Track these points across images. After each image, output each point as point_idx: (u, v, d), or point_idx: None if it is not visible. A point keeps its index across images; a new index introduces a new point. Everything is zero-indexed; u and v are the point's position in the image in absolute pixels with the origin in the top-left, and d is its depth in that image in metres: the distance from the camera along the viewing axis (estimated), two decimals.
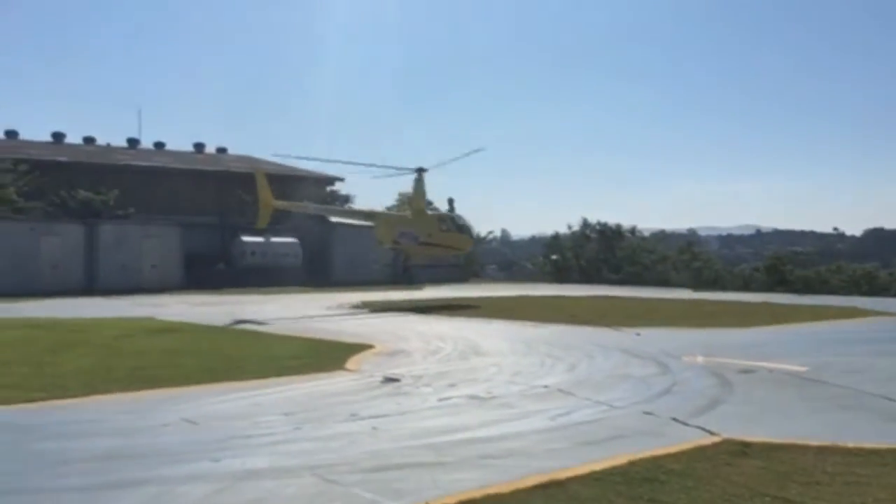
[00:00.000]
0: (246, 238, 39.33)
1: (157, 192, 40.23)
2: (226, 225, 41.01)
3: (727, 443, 6.90)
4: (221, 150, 50.98)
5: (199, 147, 50.13)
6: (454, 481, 5.67)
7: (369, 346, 13.61)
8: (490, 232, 57.85)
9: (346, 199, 48.75)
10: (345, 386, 9.91)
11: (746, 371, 11.01)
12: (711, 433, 7.23)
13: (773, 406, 8.73)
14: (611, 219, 49.79)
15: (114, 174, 39.07)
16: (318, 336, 15.40)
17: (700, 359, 12.11)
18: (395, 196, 49.00)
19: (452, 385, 9.96)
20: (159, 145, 48.58)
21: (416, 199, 28.05)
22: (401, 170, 27.57)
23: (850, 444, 6.85)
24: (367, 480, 5.73)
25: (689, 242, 48.77)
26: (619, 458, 6.32)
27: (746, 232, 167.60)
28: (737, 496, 5.38)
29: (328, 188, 48.79)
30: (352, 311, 22.94)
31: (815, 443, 6.88)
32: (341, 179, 49.02)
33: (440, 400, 8.97)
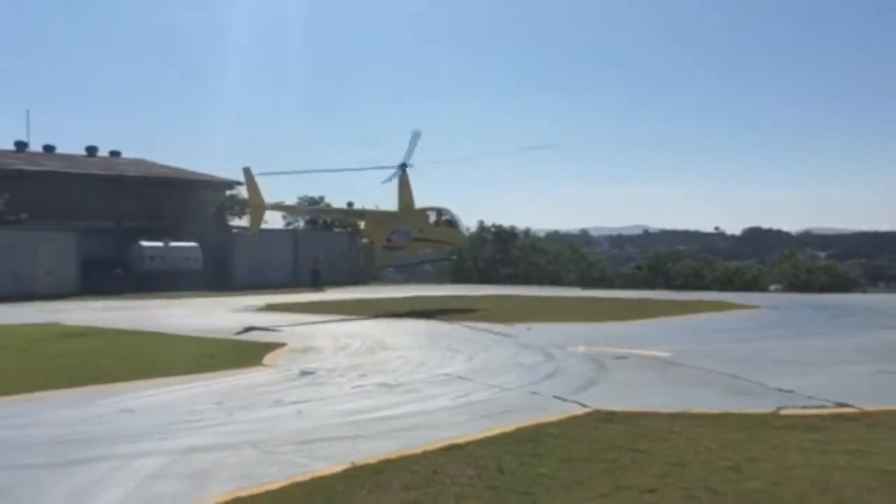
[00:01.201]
0: (144, 243, 38.99)
1: (50, 198, 39.21)
2: (123, 230, 40.47)
3: (597, 413, 8.32)
4: (115, 154, 49.94)
5: (91, 150, 48.95)
6: (373, 448, 6.80)
7: (282, 345, 14.52)
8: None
9: (247, 203, 48.65)
10: (265, 378, 10.87)
11: (620, 357, 12.61)
12: (585, 406, 8.65)
13: (639, 384, 10.29)
14: (506, 221, 51.71)
15: (2, 180, 37.93)
16: (232, 337, 16.14)
17: (582, 348, 13.64)
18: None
19: (363, 375, 11.08)
20: (49, 148, 47.19)
21: (402, 195, 27.09)
22: (383, 168, 26.75)
23: (695, 411, 8.40)
24: (298, 450, 6.79)
25: (571, 245, 51.37)
26: (509, 426, 7.62)
27: (635, 232, 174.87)
28: (600, 449, 6.75)
29: (228, 192, 48.65)
30: (258, 312, 23.59)
31: (667, 411, 8.39)
32: (241, 183, 48.91)
33: (354, 388, 10.07)
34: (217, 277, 38.94)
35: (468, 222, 51.01)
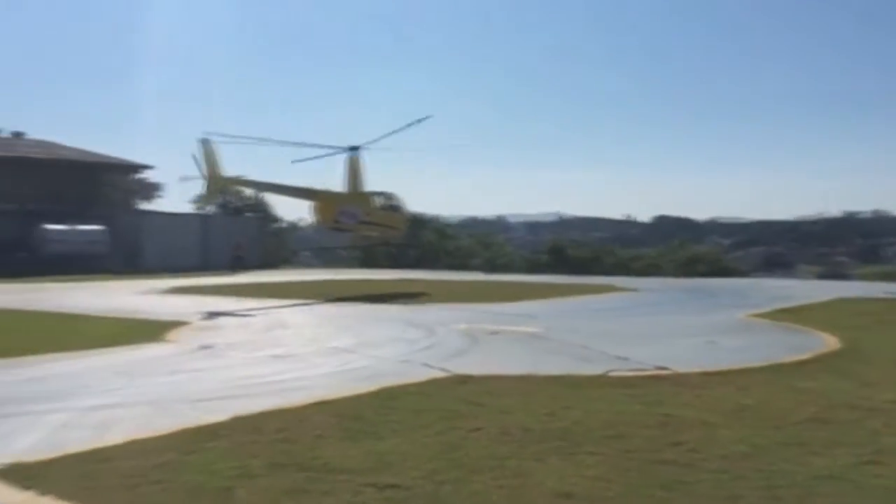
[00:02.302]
0: (49, 226, 38.66)
1: None
2: (26, 212, 39.94)
3: (456, 376, 9.70)
4: (18, 135, 48.89)
5: None
6: (256, 404, 7.98)
7: (185, 323, 15.45)
8: (300, 219, 59.30)
9: (156, 187, 48.61)
10: (166, 352, 11.87)
11: (494, 333, 14.09)
12: (447, 371, 10.03)
13: (502, 354, 11.78)
14: (421, 206, 53.18)
15: None
16: (135, 316, 16.93)
17: (463, 326, 15.06)
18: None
19: (258, 349, 12.21)
20: None
21: (351, 178, 26.93)
22: (333, 149, 26.62)
23: (540, 374, 9.87)
24: (192, 407, 7.91)
25: (477, 235, 53.36)
26: (375, 387, 8.92)
27: (551, 219, 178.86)
28: (447, 403, 8.11)
29: (135, 175, 48.37)
30: (164, 294, 24.22)
31: (516, 374, 9.86)
32: (150, 167, 48.81)
33: (246, 359, 11.20)
34: (126, 261, 38.98)
35: None
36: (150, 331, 14.18)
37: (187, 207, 50.81)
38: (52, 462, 5.88)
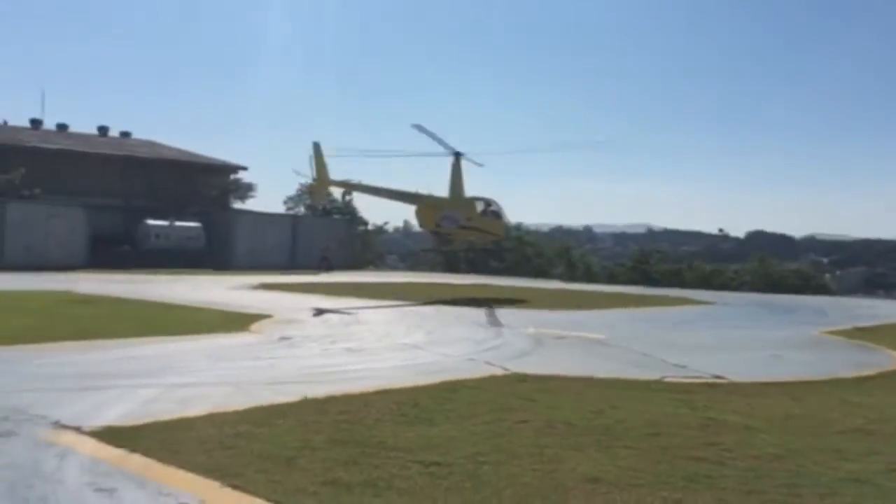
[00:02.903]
0: (151, 221, 40.99)
1: (63, 175, 41.23)
2: (131, 208, 42.45)
3: (514, 374, 10.18)
4: (125, 134, 51.92)
5: (102, 130, 50.95)
6: (324, 389, 8.66)
7: (269, 316, 16.41)
8: (386, 223, 60.72)
9: (249, 187, 50.68)
10: (249, 341, 12.77)
11: (560, 337, 14.46)
12: (507, 370, 10.51)
13: (563, 357, 12.15)
14: (511, 215, 53.58)
15: (19, 156, 39.88)
16: (225, 308, 18.05)
17: (532, 329, 15.48)
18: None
19: (333, 342, 12.97)
20: (62, 127, 49.19)
21: (454, 183, 27.48)
22: (439, 154, 27.06)
23: (596, 377, 10.24)
24: (265, 388, 8.66)
25: (560, 242, 53.32)
26: (436, 380, 9.49)
27: (639, 230, 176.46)
28: (501, 398, 8.59)
29: (231, 176, 50.61)
30: (252, 289, 25.51)
31: (574, 375, 10.26)
32: (245, 168, 51.01)
33: (321, 350, 11.96)
34: (218, 257, 40.92)
35: None
36: (237, 322, 15.18)
37: (280, 208, 52.84)
38: (140, 427, 6.68)
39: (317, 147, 26.12)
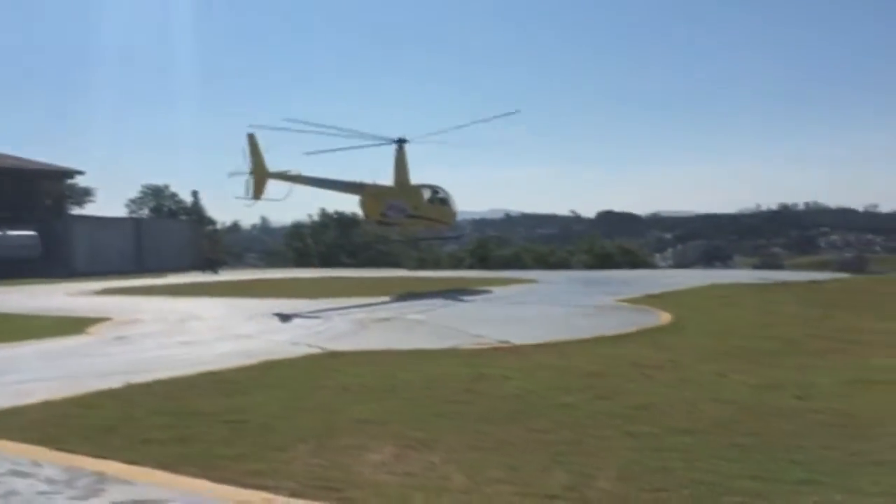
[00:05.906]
0: None
1: None
2: None
3: (326, 353, 11.62)
4: None
5: None
6: (150, 376, 9.77)
7: (108, 319, 17.04)
8: (238, 220, 60.59)
9: (86, 192, 49.33)
10: (84, 342, 13.53)
11: (385, 320, 16.04)
12: (324, 349, 11.95)
13: (380, 336, 13.72)
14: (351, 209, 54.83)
15: None
16: (62, 314, 18.42)
17: (360, 314, 16.98)
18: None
19: (169, 337, 13.95)
20: None
21: (398, 171, 26.78)
22: (380, 140, 26.22)
23: (398, 349, 11.86)
24: (98, 379, 9.63)
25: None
26: (257, 361, 10.78)
27: (497, 216, 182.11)
28: (310, 371, 10.04)
29: (67, 181, 49.04)
30: (92, 295, 25.58)
31: (380, 349, 11.84)
32: (81, 172, 49.51)
33: (156, 345, 12.95)
34: (57, 265, 39.87)
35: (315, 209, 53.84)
36: (75, 325, 15.75)
37: (122, 212, 51.73)
38: None
39: (251, 138, 24.68)
